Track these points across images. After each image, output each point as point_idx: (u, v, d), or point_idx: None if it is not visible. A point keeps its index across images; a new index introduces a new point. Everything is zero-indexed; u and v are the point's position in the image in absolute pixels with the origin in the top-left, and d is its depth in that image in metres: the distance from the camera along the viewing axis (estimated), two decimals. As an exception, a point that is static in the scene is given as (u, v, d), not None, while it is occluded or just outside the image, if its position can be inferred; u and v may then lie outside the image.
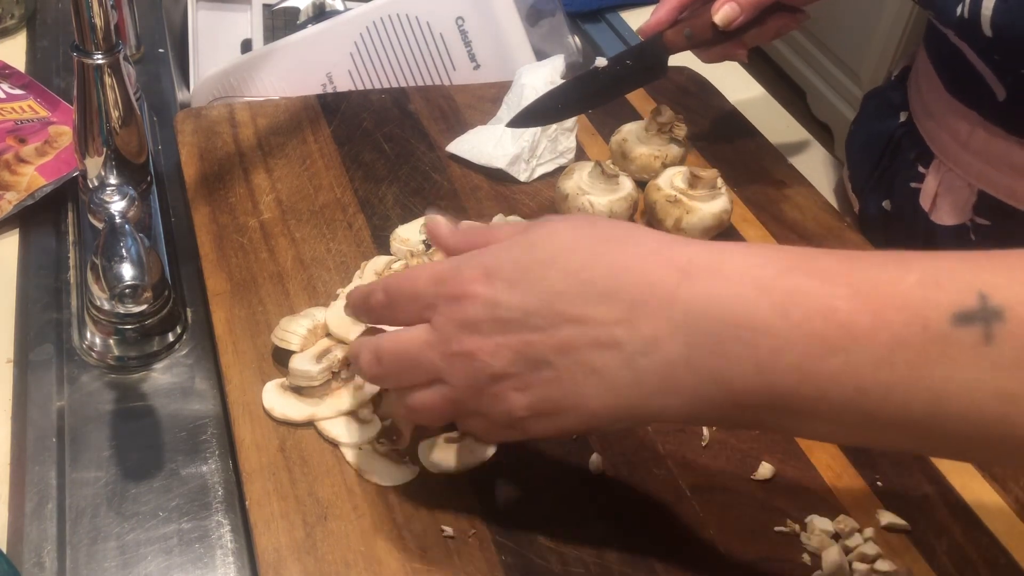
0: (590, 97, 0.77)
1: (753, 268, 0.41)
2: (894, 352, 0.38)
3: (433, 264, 0.48)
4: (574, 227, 0.46)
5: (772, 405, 0.41)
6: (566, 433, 0.47)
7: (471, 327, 0.45)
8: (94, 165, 0.69)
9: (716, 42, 0.75)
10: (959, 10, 0.65)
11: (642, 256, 0.44)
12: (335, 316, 0.62)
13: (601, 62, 0.76)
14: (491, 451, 0.56)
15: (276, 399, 0.58)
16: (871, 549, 0.54)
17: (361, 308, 0.52)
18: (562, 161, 0.81)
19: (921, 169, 0.78)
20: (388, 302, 0.50)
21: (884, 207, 0.83)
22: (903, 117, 0.82)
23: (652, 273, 0.43)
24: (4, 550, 0.53)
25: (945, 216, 0.76)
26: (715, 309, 0.41)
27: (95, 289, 0.63)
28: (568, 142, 0.82)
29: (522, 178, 0.79)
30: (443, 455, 0.56)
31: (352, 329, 0.61)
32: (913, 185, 0.79)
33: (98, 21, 0.62)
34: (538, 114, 0.76)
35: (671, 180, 0.73)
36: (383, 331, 0.52)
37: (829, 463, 0.60)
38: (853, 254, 0.41)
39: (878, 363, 0.38)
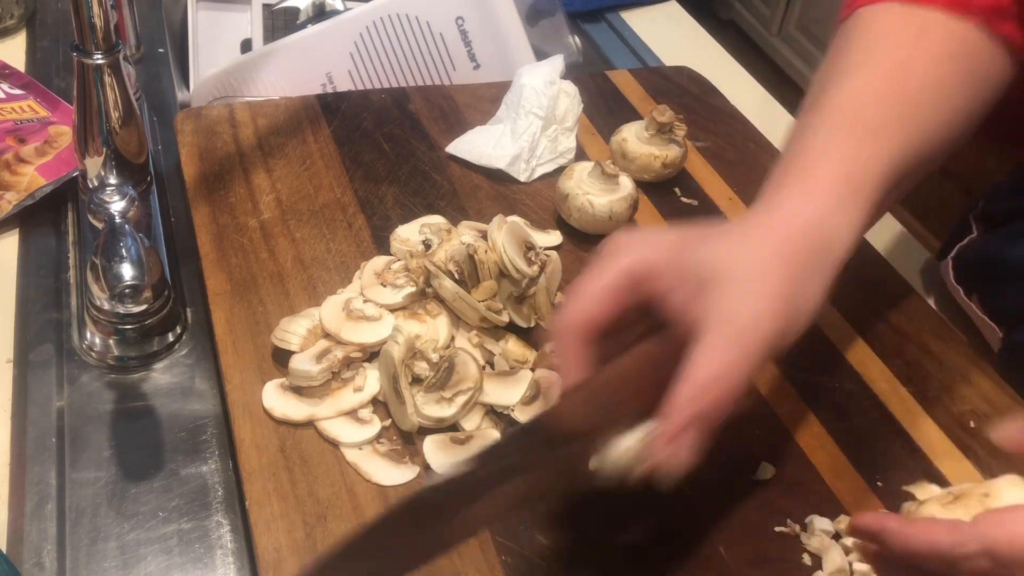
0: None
1: None
2: None
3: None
4: None
5: None
6: None
7: None
8: (94, 165, 0.69)
9: None
10: None
11: None
12: (329, 313, 0.62)
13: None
14: None
15: (276, 399, 0.58)
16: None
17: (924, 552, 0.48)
18: (562, 161, 0.81)
19: None
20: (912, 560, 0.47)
21: None
22: None
23: None
24: (4, 550, 0.53)
25: None
26: None
27: (95, 289, 0.63)
28: (568, 142, 0.82)
29: (522, 178, 0.79)
30: (451, 459, 0.55)
31: (345, 327, 0.61)
32: None
33: (98, 21, 0.62)
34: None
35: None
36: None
37: (829, 463, 0.60)
38: None
39: None
